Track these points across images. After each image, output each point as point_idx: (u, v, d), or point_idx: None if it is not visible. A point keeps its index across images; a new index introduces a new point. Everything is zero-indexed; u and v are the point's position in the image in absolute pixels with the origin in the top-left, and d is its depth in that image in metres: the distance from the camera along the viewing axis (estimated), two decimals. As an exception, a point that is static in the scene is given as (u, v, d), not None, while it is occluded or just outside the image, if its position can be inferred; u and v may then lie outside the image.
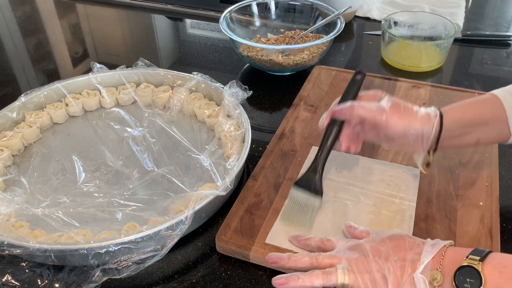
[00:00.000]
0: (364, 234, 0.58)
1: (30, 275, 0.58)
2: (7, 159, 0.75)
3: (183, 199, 0.63)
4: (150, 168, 0.74)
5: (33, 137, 0.81)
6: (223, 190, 0.63)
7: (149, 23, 1.26)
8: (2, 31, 1.23)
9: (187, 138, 0.79)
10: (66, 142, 0.81)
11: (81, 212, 0.66)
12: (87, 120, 0.86)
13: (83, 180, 0.72)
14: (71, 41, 1.18)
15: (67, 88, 0.87)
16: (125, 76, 0.89)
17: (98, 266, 0.56)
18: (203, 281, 0.59)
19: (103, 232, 0.61)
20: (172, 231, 0.58)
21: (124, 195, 0.69)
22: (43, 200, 0.68)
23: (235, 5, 1.03)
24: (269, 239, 0.61)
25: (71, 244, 0.57)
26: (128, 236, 0.56)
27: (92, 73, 0.89)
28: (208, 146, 0.76)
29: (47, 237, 0.61)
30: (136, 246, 0.57)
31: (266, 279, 0.58)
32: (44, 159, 0.77)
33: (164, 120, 0.83)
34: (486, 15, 1.24)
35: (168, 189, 0.70)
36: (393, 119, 0.59)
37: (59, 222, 0.63)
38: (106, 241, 0.56)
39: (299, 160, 0.73)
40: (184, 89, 0.86)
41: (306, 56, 0.95)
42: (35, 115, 0.82)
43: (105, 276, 0.55)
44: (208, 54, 1.09)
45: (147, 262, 0.56)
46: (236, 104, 0.79)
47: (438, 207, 0.65)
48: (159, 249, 0.57)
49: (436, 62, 0.98)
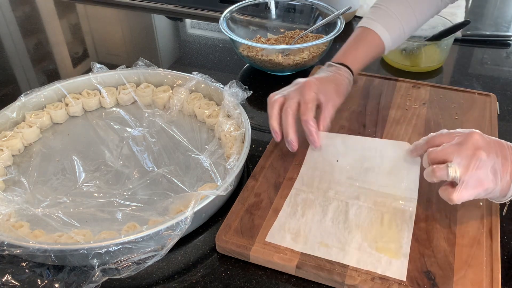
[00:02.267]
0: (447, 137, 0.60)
1: (30, 275, 0.58)
2: (7, 159, 0.75)
3: (183, 199, 0.63)
4: (150, 168, 0.74)
5: (33, 137, 0.81)
6: (223, 190, 0.63)
7: (149, 23, 1.26)
8: (2, 31, 1.23)
9: (187, 138, 0.79)
10: (66, 142, 0.81)
11: (81, 212, 0.66)
12: (87, 120, 0.86)
13: (83, 180, 0.72)
14: (71, 41, 1.18)
15: (67, 88, 0.87)
16: (125, 76, 0.89)
17: (98, 266, 0.56)
18: (203, 281, 0.59)
19: (103, 232, 0.61)
20: (172, 231, 0.58)
21: (124, 195, 0.69)
22: (43, 200, 0.68)
23: (235, 5, 1.03)
24: (269, 238, 0.61)
25: (71, 244, 0.57)
26: (128, 236, 0.56)
27: (92, 73, 0.89)
28: (208, 146, 0.76)
29: (47, 237, 0.61)
30: (136, 246, 0.57)
31: (266, 279, 0.59)
32: (44, 159, 0.77)
33: (164, 120, 0.83)
34: (486, 15, 1.25)
35: (168, 189, 0.70)
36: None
37: (59, 222, 0.64)
38: (106, 241, 0.56)
39: (299, 160, 0.73)
40: (184, 89, 0.86)
41: (306, 56, 0.95)
42: (35, 115, 0.82)
43: (105, 276, 0.55)
44: (208, 54, 1.09)
45: (147, 262, 0.56)
46: (236, 104, 0.79)
47: (438, 207, 0.65)
48: (159, 249, 0.57)
49: (436, 62, 0.98)
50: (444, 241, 0.60)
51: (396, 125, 0.80)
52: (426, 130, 0.79)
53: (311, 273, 0.57)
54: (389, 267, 0.57)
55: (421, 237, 0.61)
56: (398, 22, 0.79)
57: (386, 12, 0.79)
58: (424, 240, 0.60)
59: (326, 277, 0.57)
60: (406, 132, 0.78)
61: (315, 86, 0.71)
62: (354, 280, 0.56)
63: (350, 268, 0.57)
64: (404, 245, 0.59)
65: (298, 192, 0.67)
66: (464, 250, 0.59)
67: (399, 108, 0.84)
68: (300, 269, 0.57)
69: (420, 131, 0.78)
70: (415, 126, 0.80)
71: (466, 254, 0.58)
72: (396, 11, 0.79)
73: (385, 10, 0.80)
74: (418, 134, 0.78)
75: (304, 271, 0.58)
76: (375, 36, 0.79)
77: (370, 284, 0.55)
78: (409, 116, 0.82)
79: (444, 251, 0.59)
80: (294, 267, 0.58)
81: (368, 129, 0.79)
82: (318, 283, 0.58)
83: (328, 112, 0.71)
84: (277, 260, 0.58)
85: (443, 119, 0.81)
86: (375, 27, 0.79)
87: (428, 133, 0.77)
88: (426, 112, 0.83)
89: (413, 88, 0.89)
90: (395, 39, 0.81)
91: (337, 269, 0.57)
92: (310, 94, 0.70)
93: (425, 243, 0.60)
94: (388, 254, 0.58)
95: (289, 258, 0.58)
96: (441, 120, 0.81)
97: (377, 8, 0.81)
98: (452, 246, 0.59)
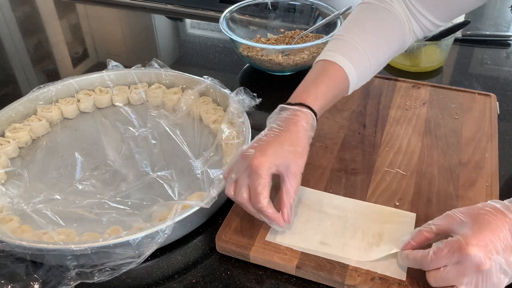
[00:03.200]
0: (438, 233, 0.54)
1: (11, 270, 0.58)
2: (12, 151, 0.76)
3: (165, 208, 0.61)
4: (146, 171, 0.73)
5: (42, 130, 0.81)
6: (207, 203, 0.60)
7: (149, 23, 1.26)
8: (2, 31, 1.23)
9: (188, 143, 0.77)
10: (72, 137, 0.81)
11: (69, 211, 0.66)
12: (96, 117, 0.86)
13: (80, 178, 0.72)
14: (71, 41, 1.18)
15: (80, 84, 0.87)
16: (138, 75, 0.89)
17: (75, 268, 0.56)
18: (203, 281, 0.59)
19: (86, 233, 0.61)
20: (151, 239, 0.57)
21: (116, 197, 0.68)
22: (36, 196, 0.68)
23: (235, 5, 1.03)
24: (269, 237, 0.61)
25: (47, 244, 0.56)
26: (106, 241, 0.56)
27: (107, 70, 0.89)
28: (206, 153, 0.74)
29: (32, 233, 0.61)
30: (114, 251, 0.56)
31: (266, 279, 0.59)
32: (48, 154, 0.78)
33: (169, 122, 0.82)
34: (486, 15, 1.24)
35: (159, 194, 0.69)
36: None
37: (46, 219, 0.64)
38: (83, 244, 0.55)
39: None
40: (193, 92, 0.84)
41: (306, 56, 0.95)
42: (46, 109, 0.83)
43: (78, 280, 0.55)
44: (208, 54, 1.09)
45: (122, 268, 0.55)
46: (241, 111, 0.77)
47: (438, 207, 0.65)
48: (137, 256, 0.56)
49: (436, 62, 0.98)
50: (444, 241, 0.60)
51: (396, 125, 0.80)
52: (426, 130, 0.79)
53: (311, 273, 0.57)
54: (389, 267, 0.57)
55: (421, 237, 0.61)
56: (364, 55, 0.67)
57: (350, 44, 0.67)
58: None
59: (326, 277, 0.57)
60: (406, 132, 0.78)
61: (267, 164, 0.56)
62: (354, 280, 0.56)
63: (350, 268, 0.57)
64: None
65: (298, 193, 0.67)
66: (464, 250, 0.59)
67: (399, 108, 0.84)
68: (300, 269, 0.57)
69: (420, 131, 0.78)
70: (415, 126, 0.80)
71: (466, 254, 0.58)
72: (361, 43, 0.67)
73: (348, 41, 0.67)
74: (418, 134, 0.78)
75: (304, 271, 0.57)
76: (339, 69, 0.65)
77: (370, 284, 0.55)
78: (409, 116, 0.82)
79: (444, 251, 0.59)
80: (294, 267, 0.58)
81: (368, 129, 0.79)
82: (318, 283, 0.58)
83: (290, 186, 0.58)
84: (277, 260, 0.58)
85: (443, 119, 0.81)
86: (337, 60, 0.66)
87: (428, 133, 0.77)
88: (426, 112, 0.83)
89: (413, 88, 0.89)
90: (360, 75, 0.67)
91: (337, 269, 0.57)
92: (259, 179, 0.56)
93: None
94: (388, 254, 0.58)
95: (289, 258, 0.58)
96: (441, 120, 0.81)
97: (338, 39, 0.68)
98: (452, 246, 0.59)
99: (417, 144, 0.76)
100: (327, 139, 0.78)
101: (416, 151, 0.74)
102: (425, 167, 0.71)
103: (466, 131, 0.78)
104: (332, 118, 0.82)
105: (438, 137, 0.77)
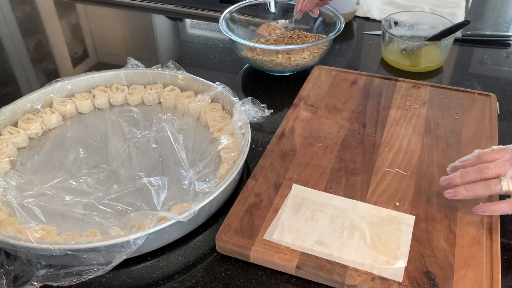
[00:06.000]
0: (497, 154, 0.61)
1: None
2: (22, 141, 0.77)
3: (143, 217, 0.59)
4: (140, 175, 0.71)
5: (53, 123, 0.82)
6: (185, 217, 0.58)
7: (149, 23, 1.26)
8: (2, 31, 1.22)
9: (187, 150, 0.75)
10: (81, 133, 0.82)
11: (55, 208, 0.65)
12: (108, 114, 0.86)
13: (77, 175, 0.72)
14: (71, 41, 1.18)
15: (97, 81, 0.88)
16: (154, 76, 0.89)
17: (44, 267, 0.55)
18: (203, 281, 0.59)
19: (65, 233, 0.61)
20: (122, 248, 0.56)
21: (104, 199, 0.67)
22: (29, 189, 0.68)
23: (235, 5, 1.03)
24: (267, 235, 0.61)
25: (20, 240, 0.56)
26: (77, 245, 0.55)
27: (124, 68, 0.89)
28: (200, 163, 0.72)
29: (17, 227, 0.61)
30: (83, 255, 0.56)
31: (266, 279, 0.59)
32: (54, 147, 0.78)
33: (174, 127, 0.80)
34: (486, 15, 1.25)
35: (146, 200, 0.67)
36: None
37: (29, 215, 0.64)
38: (54, 245, 0.55)
39: (299, 160, 0.73)
40: (204, 98, 0.83)
41: (306, 56, 0.95)
42: (61, 102, 0.84)
43: (44, 281, 0.55)
44: (208, 54, 1.09)
45: (88, 274, 0.55)
46: (245, 122, 0.74)
47: (438, 207, 0.65)
48: (105, 264, 0.55)
49: (436, 62, 0.98)
50: (444, 241, 0.60)
51: (396, 125, 0.80)
52: (426, 130, 0.79)
53: (311, 273, 0.57)
54: (386, 268, 0.57)
55: (421, 237, 0.61)
56: None
57: None
58: (424, 240, 0.60)
59: (326, 277, 0.57)
60: (406, 132, 0.78)
61: None
62: (354, 280, 0.56)
63: (350, 268, 0.57)
64: (402, 246, 0.59)
65: (297, 193, 0.67)
66: (464, 250, 0.59)
67: (399, 108, 0.84)
68: (300, 269, 0.57)
69: (420, 131, 0.78)
70: (415, 126, 0.80)
71: (466, 254, 0.58)
72: None
73: None
74: (418, 134, 0.78)
75: (304, 271, 0.58)
76: None
77: (370, 284, 0.55)
78: (409, 116, 0.82)
79: (444, 251, 0.59)
80: (294, 267, 0.58)
81: (368, 129, 0.79)
82: (318, 283, 0.58)
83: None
84: (277, 260, 0.58)
85: (443, 119, 0.81)
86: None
87: (428, 133, 0.77)
88: (426, 112, 0.83)
89: (413, 88, 0.89)
90: None
91: (337, 269, 0.57)
92: None
93: (425, 243, 0.60)
94: (386, 255, 0.58)
95: (289, 258, 0.58)
96: (441, 120, 0.81)
97: None
98: (452, 246, 0.59)
99: (417, 144, 0.76)
100: (327, 139, 0.78)
101: (416, 151, 0.74)
102: (425, 167, 0.71)
103: (466, 131, 0.78)
104: (332, 118, 0.82)
105: (438, 137, 0.77)
